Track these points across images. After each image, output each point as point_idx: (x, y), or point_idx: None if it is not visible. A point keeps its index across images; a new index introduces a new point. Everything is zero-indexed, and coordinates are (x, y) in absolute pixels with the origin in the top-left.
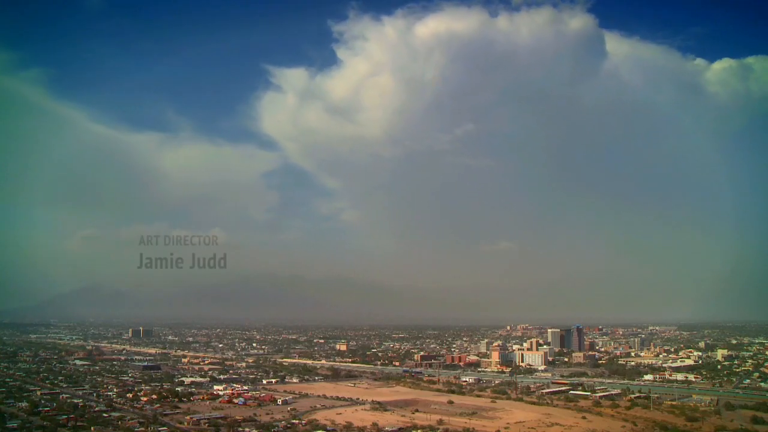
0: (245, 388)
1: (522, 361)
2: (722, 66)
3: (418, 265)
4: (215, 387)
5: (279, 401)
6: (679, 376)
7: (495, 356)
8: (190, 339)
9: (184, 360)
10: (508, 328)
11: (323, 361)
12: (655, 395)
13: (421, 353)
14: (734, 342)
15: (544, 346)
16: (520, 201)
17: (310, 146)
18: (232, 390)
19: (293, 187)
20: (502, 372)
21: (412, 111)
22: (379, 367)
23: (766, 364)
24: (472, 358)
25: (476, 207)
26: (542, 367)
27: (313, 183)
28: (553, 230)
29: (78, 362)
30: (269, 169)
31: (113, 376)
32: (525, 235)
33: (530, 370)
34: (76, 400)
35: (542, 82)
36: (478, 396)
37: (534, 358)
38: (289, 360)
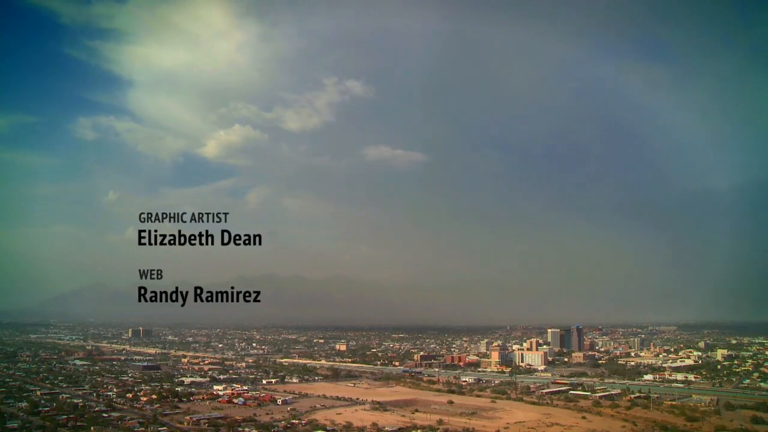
0: (245, 388)
1: (522, 361)
2: None
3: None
4: (215, 387)
5: (279, 401)
6: (679, 376)
7: (495, 356)
8: (190, 339)
9: (184, 360)
10: (508, 328)
11: (323, 361)
12: (655, 395)
13: (421, 353)
14: (734, 342)
15: (544, 346)
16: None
17: None
18: (232, 390)
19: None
20: (502, 372)
21: None
22: (379, 367)
23: (766, 364)
24: (472, 358)
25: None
26: (542, 367)
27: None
28: (552, 230)
29: (78, 362)
30: None
31: (113, 376)
32: (526, 236)
33: (530, 370)
34: (75, 400)
35: None
36: (478, 396)
37: (534, 358)
38: (288, 360)
